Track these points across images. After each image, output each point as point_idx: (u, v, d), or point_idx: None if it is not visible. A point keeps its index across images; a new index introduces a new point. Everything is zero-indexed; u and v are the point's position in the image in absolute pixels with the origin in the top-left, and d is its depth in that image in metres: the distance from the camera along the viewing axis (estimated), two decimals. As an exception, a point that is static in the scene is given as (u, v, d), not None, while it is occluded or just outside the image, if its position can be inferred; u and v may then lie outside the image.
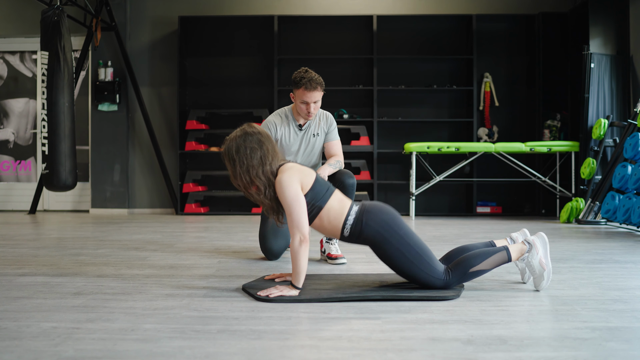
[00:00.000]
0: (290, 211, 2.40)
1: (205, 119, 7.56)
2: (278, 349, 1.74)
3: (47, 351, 1.71)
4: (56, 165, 6.04)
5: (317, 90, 3.36)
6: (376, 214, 2.47)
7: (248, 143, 2.45)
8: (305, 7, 7.70)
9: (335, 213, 2.48)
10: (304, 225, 2.39)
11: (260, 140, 2.47)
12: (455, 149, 6.66)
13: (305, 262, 2.39)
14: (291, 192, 2.40)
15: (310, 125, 3.54)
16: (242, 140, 2.46)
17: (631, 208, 5.12)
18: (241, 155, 2.43)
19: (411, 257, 2.42)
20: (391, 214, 2.49)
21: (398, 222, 2.47)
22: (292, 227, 2.39)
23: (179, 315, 2.12)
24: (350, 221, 2.47)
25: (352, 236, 2.49)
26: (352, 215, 2.47)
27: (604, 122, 6.08)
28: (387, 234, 2.43)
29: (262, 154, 2.44)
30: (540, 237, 2.57)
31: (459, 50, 7.58)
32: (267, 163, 2.44)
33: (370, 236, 2.45)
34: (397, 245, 2.42)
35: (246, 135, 2.47)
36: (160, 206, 7.73)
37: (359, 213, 2.48)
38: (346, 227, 2.48)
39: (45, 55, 6.06)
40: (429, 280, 2.44)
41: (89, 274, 2.98)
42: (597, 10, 6.54)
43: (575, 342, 1.81)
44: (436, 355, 1.69)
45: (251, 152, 2.43)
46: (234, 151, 2.45)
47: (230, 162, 2.46)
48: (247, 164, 2.42)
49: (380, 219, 2.45)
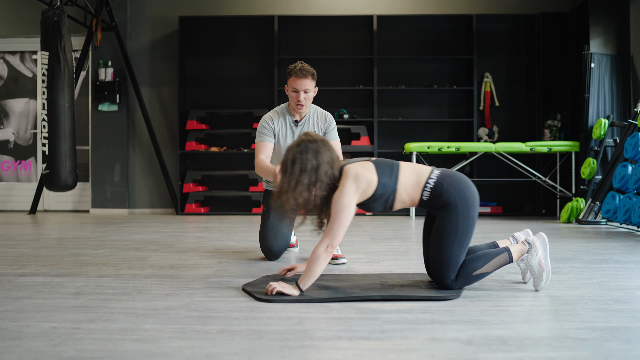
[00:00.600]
0: (334, 219, 2.38)
1: (205, 119, 7.56)
2: (278, 349, 1.74)
3: (48, 351, 1.71)
4: (56, 166, 6.04)
5: (307, 79, 3.39)
6: (459, 182, 2.48)
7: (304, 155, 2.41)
8: (306, 7, 7.70)
9: (411, 185, 2.49)
10: (338, 237, 2.39)
11: (317, 149, 2.43)
12: (455, 149, 6.66)
13: (321, 270, 2.39)
14: (344, 201, 2.39)
15: (307, 122, 3.54)
16: (298, 150, 2.42)
17: (631, 208, 5.12)
18: (297, 165, 2.40)
19: (458, 239, 2.44)
20: (472, 191, 2.50)
21: (474, 202, 2.48)
22: (328, 233, 2.38)
23: (179, 316, 2.12)
24: (431, 184, 2.48)
25: (430, 199, 2.49)
26: (432, 179, 2.49)
27: (604, 122, 6.08)
28: (461, 205, 2.45)
29: (319, 163, 2.41)
30: (541, 238, 2.58)
31: (459, 50, 7.58)
32: (322, 173, 2.41)
33: (446, 200, 2.45)
34: (459, 221, 2.43)
35: (304, 144, 2.44)
36: (160, 206, 7.72)
37: (441, 177, 2.49)
38: (426, 191, 2.49)
39: (46, 56, 6.06)
40: (446, 269, 2.45)
41: (89, 274, 2.98)
42: (597, 10, 6.54)
43: (576, 342, 1.81)
44: (436, 355, 1.69)
45: (314, 156, 2.41)
46: (289, 162, 2.42)
47: (287, 169, 2.42)
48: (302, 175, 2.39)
49: (460, 189, 2.47)
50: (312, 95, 3.46)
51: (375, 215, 7.25)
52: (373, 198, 2.47)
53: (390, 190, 2.47)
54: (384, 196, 2.48)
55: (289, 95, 3.45)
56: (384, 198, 2.48)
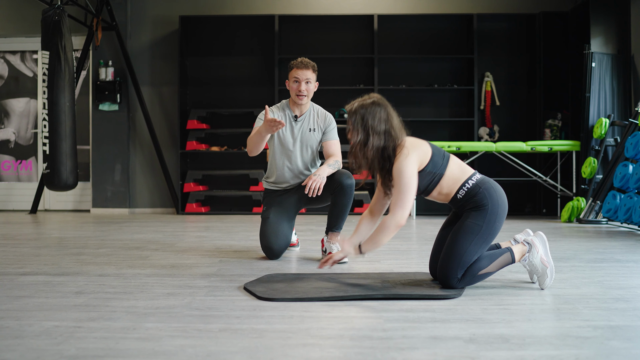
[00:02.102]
0: (402, 188, 2.44)
1: (206, 118, 7.56)
2: (280, 348, 1.74)
3: (49, 350, 1.71)
4: (57, 165, 6.04)
5: (308, 70, 3.47)
6: (495, 190, 2.52)
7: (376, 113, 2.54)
8: (306, 6, 7.70)
9: (454, 178, 2.54)
10: (408, 207, 2.46)
11: (389, 113, 2.58)
12: (456, 148, 6.66)
13: (387, 239, 2.48)
14: (409, 171, 2.46)
15: (307, 118, 3.54)
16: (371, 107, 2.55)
17: (632, 207, 5.11)
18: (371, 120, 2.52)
19: (476, 241, 2.46)
20: (504, 202, 2.54)
21: (503, 212, 2.51)
22: (397, 204, 2.45)
23: (180, 314, 2.12)
24: (469, 185, 2.52)
25: (463, 199, 2.53)
26: (472, 181, 2.53)
27: (605, 121, 6.08)
28: (491, 210, 2.48)
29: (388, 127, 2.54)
30: (539, 236, 2.61)
31: (459, 49, 7.58)
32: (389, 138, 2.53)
33: (479, 201, 2.49)
34: (483, 225, 2.46)
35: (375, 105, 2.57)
36: (161, 206, 7.73)
37: (480, 181, 2.54)
38: (463, 189, 2.53)
39: (46, 55, 6.06)
40: (454, 267, 2.45)
41: (90, 273, 2.98)
42: (598, 10, 6.54)
43: (577, 341, 1.81)
44: (438, 353, 1.69)
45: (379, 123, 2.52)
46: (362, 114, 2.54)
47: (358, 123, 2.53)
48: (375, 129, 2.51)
49: (496, 196, 2.50)
50: (313, 88, 3.49)
51: (375, 214, 7.24)
52: (422, 173, 2.52)
53: (439, 172, 2.53)
54: (431, 175, 2.53)
55: (290, 88, 3.49)
56: (430, 177, 2.53)
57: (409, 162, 2.46)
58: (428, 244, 4.24)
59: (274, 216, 3.47)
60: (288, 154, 3.53)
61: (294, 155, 3.53)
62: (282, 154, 3.55)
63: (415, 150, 2.51)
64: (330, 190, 3.40)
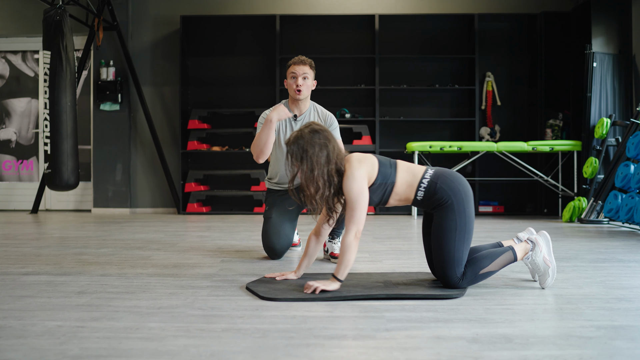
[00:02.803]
0: (353, 205, 2.43)
1: (207, 118, 7.56)
2: (283, 348, 1.74)
3: (52, 350, 1.71)
4: (58, 165, 6.04)
5: (305, 65, 3.46)
6: (452, 180, 2.51)
7: (317, 140, 2.46)
8: (307, 6, 7.70)
9: (407, 183, 2.53)
10: (362, 222, 2.44)
11: (327, 137, 2.49)
12: (457, 148, 6.66)
13: (354, 257, 2.44)
14: (358, 187, 2.44)
15: (307, 117, 3.55)
16: (311, 137, 2.46)
17: (634, 207, 5.11)
18: (310, 152, 2.44)
19: (459, 236, 2.45)
20: (466, 187, 2.52)
21: (469, 198, 2.50)
22: (351, 221, 2.42)
23: (183, 314, 2.12)
24: (425, 184, 2.51)
25: (424, 199, 2.52)
26: (426, 179, 2.52)
27: (607, 121, 6.07)
28: (456, 202, 2.46)
29: (330, 150, 2.47)
30: (543, 235, 2.60)
31: (461, 49, 7.58)
32: (333, 160, 2.47)
33: (441, 199, 2.48)
34: (457, 218, 2.45)
35: (314, 133, 2.48)
36: (162, 206, 7.73)
37: (434, 176, 2.52)
38: (420, 190, 2.52)
39: (48, 55, 6.06)
40: (451, 267, 2.45)
41: (92, 273, 2.98)
42: (599, 9, 6.53)
43: (581, 341, 1.81)
44: (442, 353, 1.69)
45: (320, 149, 2.45)
46: (302, 147, 2.46)
47: (298, 158, 2.47)
48: (317, 161, 2.44)
49: (454, 186, 2.49)
50: (311, 84, 3.49)
51: (377, 214, 7.25)
52: (373, 187, 2.51)
53: (390, 182, 2.52)
54: (382, 187, 2.52)
55: (288, 85, 3.49)
56: (382, 188, 2.52)
57: (357, 178, 2.44)
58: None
59: (276, 216, 3.47)
60: None
61: None
62: (283, 154, 3.55)
63: (362, 165, 2.48)
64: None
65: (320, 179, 2.44)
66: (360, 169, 2.46)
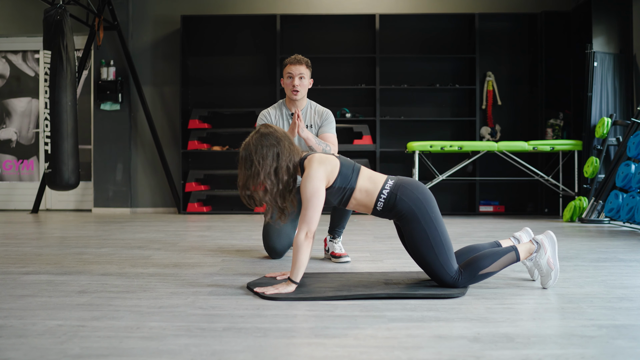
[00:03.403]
0: (306, 205, 2.42)
1: (207, 118, 7.56)
2: (284, 347, 1.74)
3: (53, 349, 1.71)
4: (59, 165, 6.04)
5: (301, 65, 3.48)
6: (411, 190, 2.48)
7: (265, 142, 2.45)
8: (308, 6, 7.69)
9: (366, 191, 2.51)
10: (314, 222, 2.42)
11: (277, 138, 2.47)
12: (457, 148, 6.65)
13: (306, 258, 2.42)
14: (313, 186, 2.42)
15: (304, 115, 3.56)
16: (258, 140, 2.46)
17: (635, 207, 5.11)
18: (258, 155, 2.43)
19: (434, 242, 2.42)
20: (426, 194, 2.50)
21: (431, 204, 2.48)
22: (303, 220, 2.42)
23: (184, 313, 2.12)
24: (385, 195, 2.48)
25: (384, 210, 2.50)
26: (386, 189, 2.49)
27: (607, 120, 6.07)
28: (419, 212, 2.44)
29: (280, 150, 2.45)
30: (549, 237, 2.55)
31: (461, 49, 7.57)
32: (283, 159, 2.45)
33: (402, 211, 2.46)
34: (424, 226, 2.43)
35: (262, 136, 2.47)
36: (162, 205, 7.73)
37: (394, 187, 2.49)
38: (380, 201, 2.49)
39: (48, 55, 6.06)
40: (441, 272, 2.44)
41: (93, 272, 2.98)
42: (599, 9, 6.53)
43: (582, 340, 1.81)
44: (443, 352, 1.69)
45: (267, 150, 2.44)
46: (249, 151, 2.45)
47: (245, 163, 2.45)
48: (263, 164, 2.43)
49: (414, 196, 2.46)
50: (307, 84, 3.51)
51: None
52: (331, 189, 2.49)
53: (349, 187, 2.50)
54: (341, 191, 2.51)
55: (285, 84, 3.52)
56: (340, 192, 2.51)
57: (313, 178, 2.42)
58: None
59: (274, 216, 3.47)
60: None
61: None
62: None
63: (322, 166, 2.47)
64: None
65: (267, 180, 2.43)
66: (318, 170, 2.45)
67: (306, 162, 2.50)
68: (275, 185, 2.45)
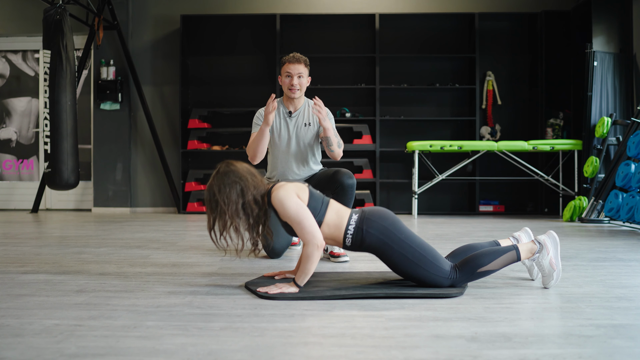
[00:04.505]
0: (299, 222, 2.38)
1: (207, 117, 7.56)
2: (281, 346, 1.74)
3: (50, 348, 1.71)
4: (58, 164, 6.04)
5: (300, 64, 3.48)
6: (376, 220, 2.45)
7: (227, 180, 2.40)
8: (308, 5, 7.69)
9: (334, 225, 2.47)
10: (317, 232, 2.39)
11: (238, 174, 2.41)
12: (457, 147, 6.65)
13: (315, 266, 2.41)
14: (293, 205, 2.39)
15: (301, 113, 3.56)
16: (220, 180, 2.40)
17: (635, 206, 5.10)
18: (222, 194, 2.38)
19: (415, 259, 2.41)
20: (390, 219, 2.47)
21: (398, 226, 2.45)
22: (304, 236, 2.38)
23: (181, 313, 2.11)
24: (351, 230, 2.46)
25: (354, 245, 2.48)
26: (352, 225, 2.46)
27: (607, 120, 6.06)
28: (389, 239, 2.42)
29: (243, 185, 2.40)
30: (552, 237, 2.52)
31: (461, 48, 7.57)
32: (249, 193, 2.41)
33: (372, 244, 2.44)
34: (400, 250, 2.41)
35: (224, 175, 2.42)
36: (162, 205, 7.73)
37: (359, 221, 2.46)
38: (347, 237, 2.47)
39: (48, 54, 6.06)
40: (436, 280, 2.42)
41: (91, 271, 2.98)
42: (600, 8, 6.52)
43: (580, 340, 1.80)
44: (440, 352, 1.68)
45: (230, 189, 2.38)
46: (212, 193, 2.40)
47: (211, 204, 2.41)
48: (228, 202, 2.37)
49: (380, 225, 2.44)
50: (306, 82, 3.52)
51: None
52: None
53: (317, 219, 2.46)
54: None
55: (283, 83, 3.53)
56: None
57: (287, 197, 2.39)
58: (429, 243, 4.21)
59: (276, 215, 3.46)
60: (285, 150, 3.54)
61: (292, 151, 3.54)
62: (279, 151, 3.56)
63: (286, 187, 2.44)
64: (331, 190, 3.41)
65: (236, 218, 2.38)
66: (285, 191, 2.42)
67: (274, 190, 2.45)
68: (246, 221, 2.41)
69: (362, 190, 7.29)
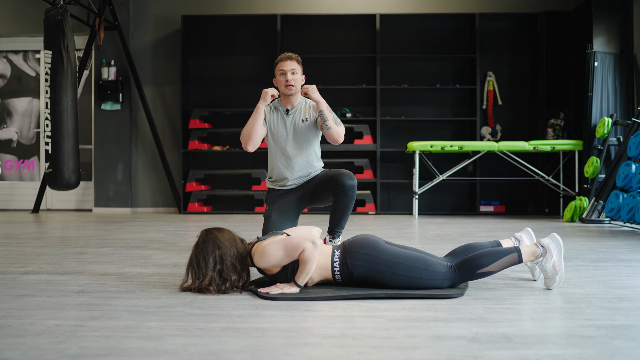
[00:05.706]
0: (285, 251, 2.41)
1: (208, 118, 7.56)
2: (282, 347, 1.74)
3: (51, 348, 1.71)
4: (59, 164, 6.04)
5: (292, 61, 3.52)
6: (357, 251, 2.46)
7: (206, 249, 2.43)
8: (308, 6, 7.69)
9: (321, 266, 2.48)
10: (302, 238, 2.41)
11: (216, 242, 2.45)
12: (458, 147, 6.65)
13: (314, 266, 2.42)
14: (274, 250, 2.42)
15: (298, 111, 3.58)
16: (199, 251, 2.44)
17: (635, 207, 5.10)
18: (202, 263, 2.42)
19: (408, 273, 2.41)
20: (371, 244, 2.48)
21: (380, 248, 2.46)
22: (298, 248, 2.39)
23: (182, 313, 2.12)
24: (337, 267, 2.48)
25: (345, 280, 2.49)
26: (336, 262, 2.48)
27: (608, 120, 6.06)
28: (376, 265, 2.43)
29: (222, 253, 2.43)
30: (555, 241, 2.49)
31: (462, 49, 7.57)
32: (227, 259, 2.43)
33: (361, 274, 2.45)
34: (390, 270, 2.42)
35: (204, 243, 2.46)
36: (163, 205, 7.73)
37: (342, 256, 2.48)
38: (335, 274, 2.49)
39: (49, 54, 6.06)
40: (434, 284, 2.43)
41: (92, 272, 2.98)
42: (600, 9, 6.52)
43: (581, 340, 1.80)
44: (441, 352, 1.69)
45: (208, 256, 2.42)
46: (191, 262, 2.46)
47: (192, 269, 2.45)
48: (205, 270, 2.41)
49: (363, 255, 2.45)
50: (300, 79, 3.55)
51: (378, 214, 7.24)
52: (286, 269, 2.45)
53: None
54: (297, 266, 2.44)
55: (278, 82, 3.57)
56: (295, 269, 2.44)
57: (264, 249, 2.43)
58: (430, 243, 4.23)
59: (276, 216, 3.47)
60: (283, 148, 3.55)
61: (290, 149, 3.54)
62: (277, 149, 3.58)
63: (266, 241, 2.49)
64: (332, 190, 3.41)
65: (213, 284, 2.40)
66: (262, 247, 2.44)
67: (254, 253, 2.48)
68: (220, 286, 2.42)
69: (363, 190, 7.30)
